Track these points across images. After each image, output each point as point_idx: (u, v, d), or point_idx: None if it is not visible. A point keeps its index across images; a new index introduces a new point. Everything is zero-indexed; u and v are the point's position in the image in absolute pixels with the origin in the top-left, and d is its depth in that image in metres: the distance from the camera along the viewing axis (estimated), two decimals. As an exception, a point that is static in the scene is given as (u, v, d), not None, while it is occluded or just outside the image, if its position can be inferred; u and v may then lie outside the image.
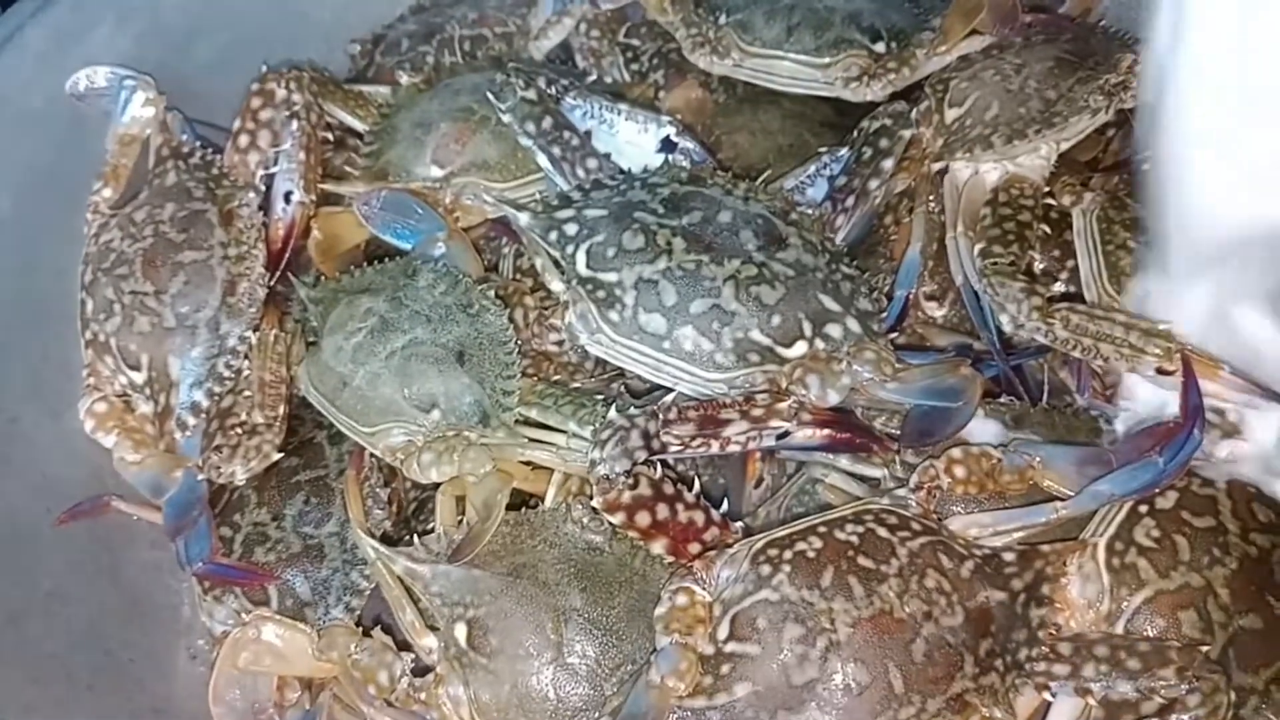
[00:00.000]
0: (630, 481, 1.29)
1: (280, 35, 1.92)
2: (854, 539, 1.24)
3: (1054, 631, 1.23)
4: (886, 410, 1.47)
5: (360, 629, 1.36)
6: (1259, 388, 1.33)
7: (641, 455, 1.30)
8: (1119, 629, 1.25)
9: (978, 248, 1.50)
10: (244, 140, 1.69)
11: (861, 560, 1.22)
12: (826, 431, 1.39)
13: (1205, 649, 1.19)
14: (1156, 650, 1.18)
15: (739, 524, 1.37)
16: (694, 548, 1.31)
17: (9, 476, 1.51)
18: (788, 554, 1.24)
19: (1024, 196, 1.56)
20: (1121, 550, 1.28)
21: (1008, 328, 1.46)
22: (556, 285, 1.52)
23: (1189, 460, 1.27)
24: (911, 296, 1.57)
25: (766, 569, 1.23)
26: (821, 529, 1.26)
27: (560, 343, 1.54)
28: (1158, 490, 1.29)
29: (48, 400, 1.58)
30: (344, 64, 2.04)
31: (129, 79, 1.71)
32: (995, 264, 1.46)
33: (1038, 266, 1.58)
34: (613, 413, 1.33)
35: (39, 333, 1.62)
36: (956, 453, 1.31)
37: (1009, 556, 1.27)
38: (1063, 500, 1.28)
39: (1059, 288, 1.59)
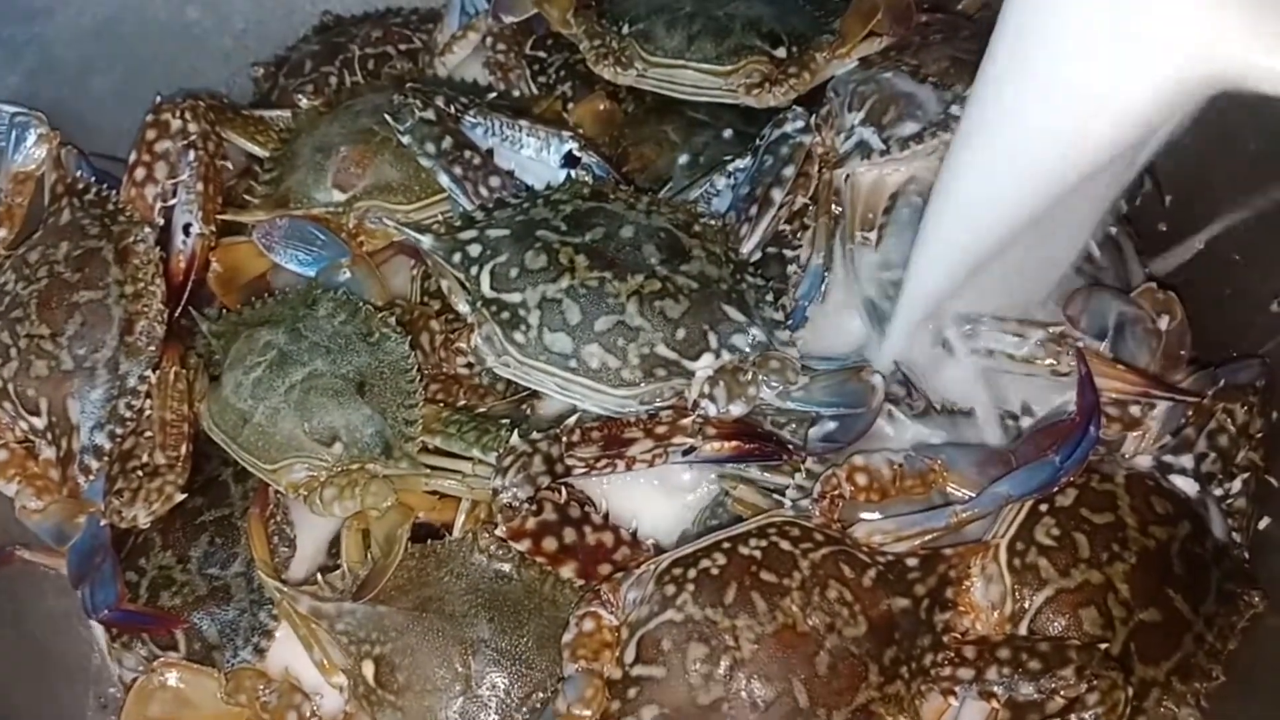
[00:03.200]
0: (534, 508, 1.28)
1: (179, 64, 1.89)
2: (757, 554, 1.24)
3: (958, 635, 1.25)
4: (794, 418, 1.47)
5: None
6: (1150, 380, 1.35)
7: (545, 480, 1.30)
8: (1022, 629, 1.27)
9: (876, 258, 1.50)
10: (140, 173, 1.65)
11: (764, 575, 1.22)
12: (734, 443, 1.39)
13: (1104, 646, 1.21)
14: (1056, 650, 1.20)
15: (650, 542, 1.37)
16: (605, 569, 1.32)
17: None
18: (692, 572, 1.24)
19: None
20: (1023, 550, 1.30)
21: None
22: (463, 307, 1.51)
23: (1085, 458, 1.28)
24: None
25: (671, 589, 1.23)
26: (725, 545, 1.26)
27: (470, 365, 1.53)
28: (1056, 489, 1.30)
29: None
30: (248, 89, 2.00)
31: (19, 116, 1.67)
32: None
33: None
34: (514, 438, 1.32)
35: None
36: (858, 460, 1.31)
37: (912, 562, 1.28)
38: (963, 503, 1.29)
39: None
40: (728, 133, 1.78)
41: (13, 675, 1.47)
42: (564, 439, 1.33)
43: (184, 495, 1.45)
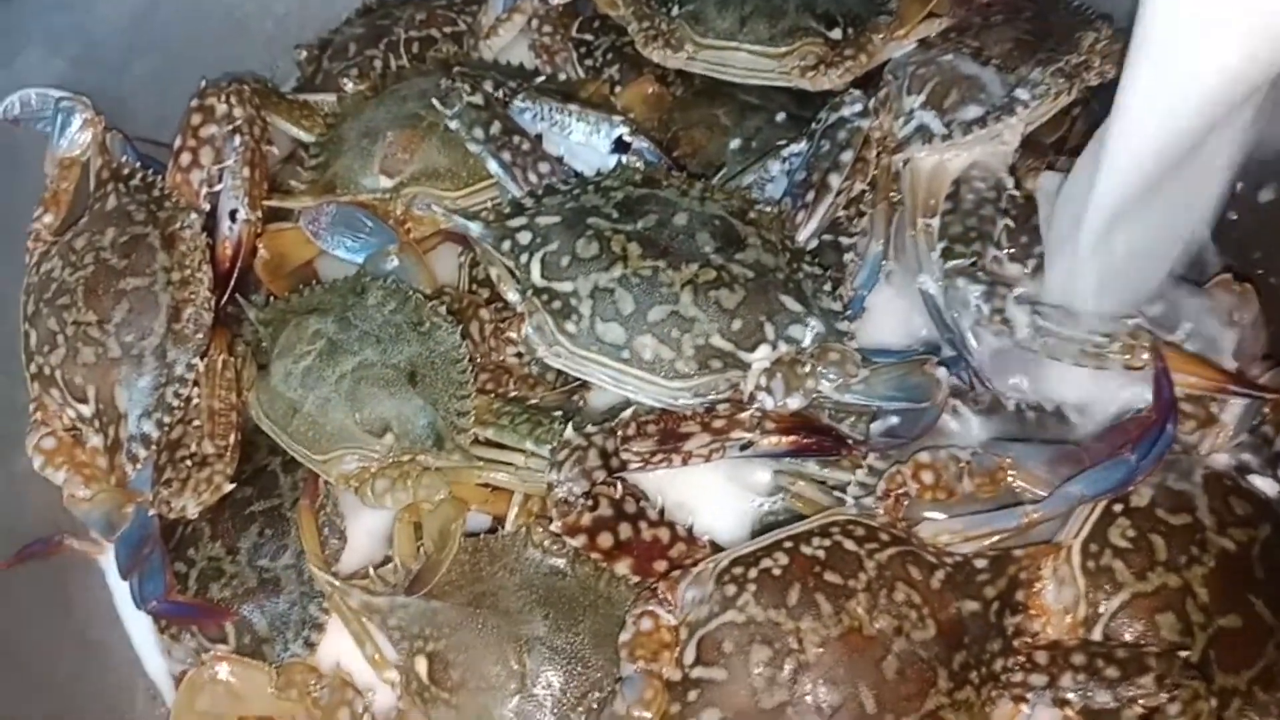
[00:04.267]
0: (590, 503, 1.25)
1: (221, 48, 1.85)
2: (820, 554, 1.20)
3: (1030, 639, 1.21)
4: (855, 412, 1.43)
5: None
6: (1227, 375, 1.30)
7: (600, 475, 1.26)
8: (1096, 634, 1.22)
9: (939, 247, 1.46)
10: (185, 159, 1.62)
11: (828, 576, 1.18)
12: (792, 438, 1.35)
13: (1185, 654, 1.17)
14: (1135, 657, 1.15)
15: (706, 538, 1.33)
16: (660, 566, 1.28)
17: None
18: (753, 572, 1.20)
19: (987, 188, 1.52)
20: (1096, 552, 1.25)
21: (969, 329, 1.43)
22: (512, 296, 1.48)
23: (1162, 456, 1.24)
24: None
25: (732, 589, 1.20)
26: (787, 544, 1.22)
27: (520, 355, 1.51)
28: (1131, 488, 1.25)
29: (-5, 443, 1.53)
30: (291, 73, 1.97)
31: (64, 100, 1.65)
32: (957, 265, 1.43)
33: (1005, 253, 1.54)
34: (569, 431, 1.29)
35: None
36: (924, 457, 1.27)
37: (981, 563, 1.23)
38: (1034, 502, 1.24)
39: (1024, 273, 1.54)
40: (781, 116, 1.74)
41: (61, 665, 1.46)
42: (619, 433, 1.29)
43: (233, 485, 1.43)
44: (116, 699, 1.47)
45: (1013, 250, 1.54)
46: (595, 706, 1.23)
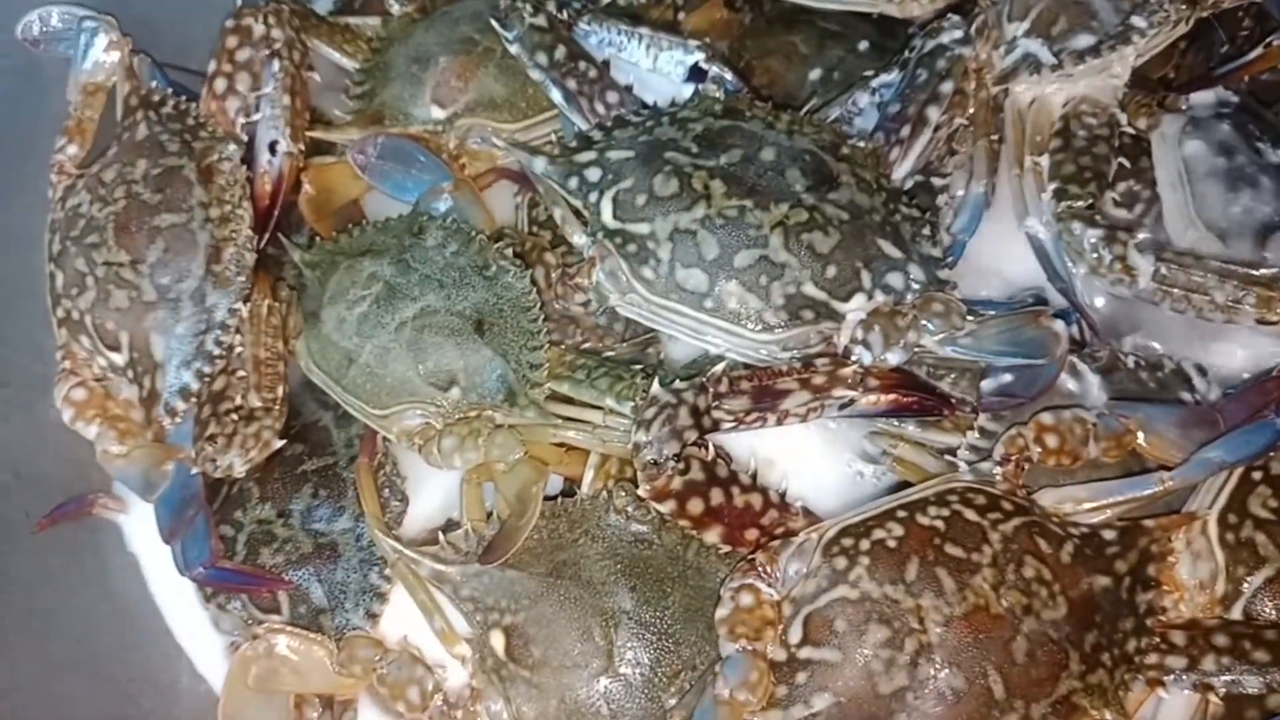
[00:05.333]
0: (680, 466, 1.14)
1: (257, -35, 1.71)
2: (939, 524, 1.10)
3: (1164, 618, 1.11)
4: (956, 369, 1.32)
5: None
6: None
7: (692, 435, 1.16)
8: (1236, 613, 1.13)
9: (1051, 188, 1.35)
10: (220, 85, 1.50)
11: (949, 549, 1.08)
12: (892, 396, 1.25)
13: (1340, 636, 1.07)
14: (1285, 639, 1.06)
15: (799, 504, 1.23)
16: (751, 534, 1.19)
17: (-24, 478, 1.37)
18: (865, 544, 1.10)
19: (1099, 124, 1.40)
20: (1236, 524, 1.16)
21: (1081, 278, 1.32)
22: (579, 239, 1.36)
23: (1311, 418, 1.13)
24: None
25: (842, 562, 1.10)
26: (901, 513, 1.12)
27: (586, 304, 1.39)
28: (1273, 454, 1.15)
29: (17, 389, 1.43)
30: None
31: (88, 20, 1.53)
32: (1071, 207, 1.32)
33: (1111, 198, 1.42)
34: (656, 387, 1.18)
35: (1, 312, 1.47)
36: (1046, 418, 1.17)
37: (1110, 535, 1.14)
38: (1168, 469, 1.14)
39: (1136, 218, 1.43)
40: (863, 45, 1.61)
41: (98, 636, 1.37)
42: (711, 389, 1.18)
43: (282, 442, 1.33)
44: (159, 672, 1.38)
45: (1122, 194, 1.42)
46: (687, 688, 1.13)
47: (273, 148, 1.50)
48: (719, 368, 1.22)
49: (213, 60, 1.51)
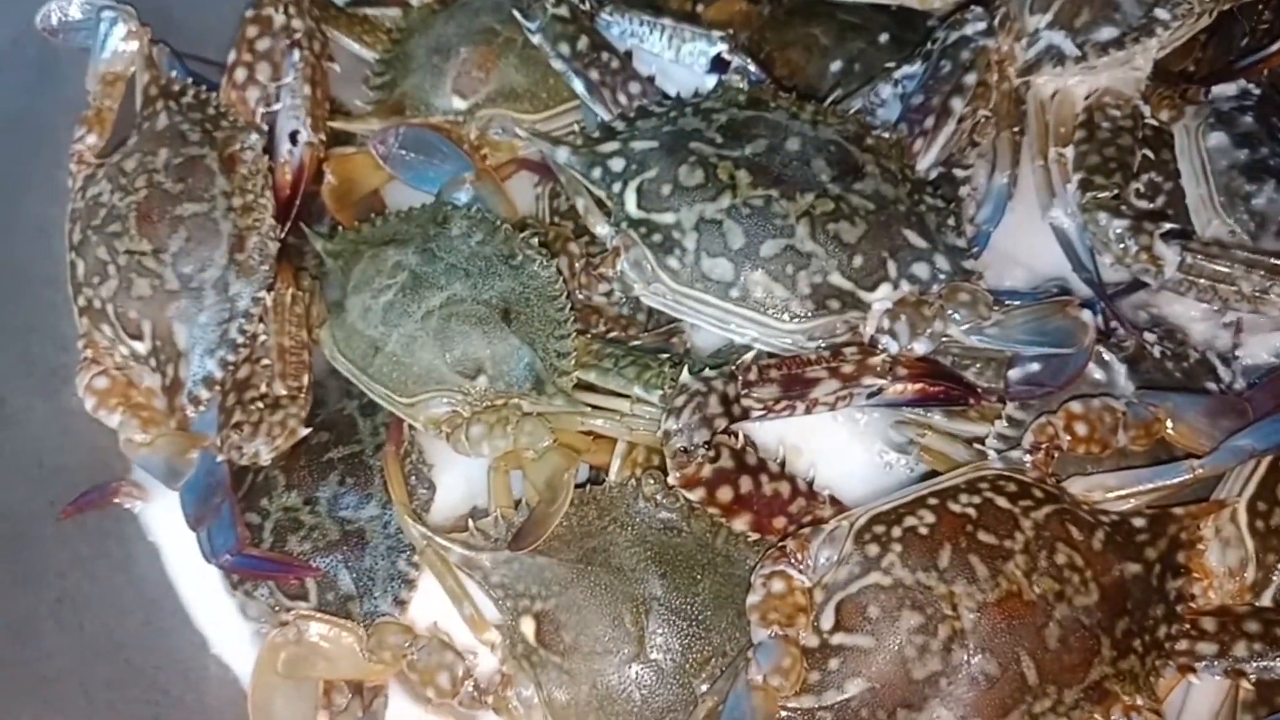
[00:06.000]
0: (711, 454, 1.14)
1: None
2: (971, 511, 1.10)
3: (1194, 605, 1.11)
4: (981, 359, 1.32)
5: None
6: None
7: (722, 424, 1.16)
8: (1266, 600, 1.13)
9: (1076, 178, 1.35)
10: (241, 75, 1.50)
11: (982, 535, 1.08)
12: (919, 385, 1.25)
13: (1371, 622, 1.07)
14: (1318, 626, 1.06)
15: (826, 493, 1.23)
16: (779, 522, 1.19)
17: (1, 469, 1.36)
18: (896, 530, 1.10)
19: (1123, 115, 1.40)
20: (1265, 511, 1.16)
21: (1109, 268, 1.32)
22: (602, 229, 1.36)
23: (1340, 407, 1.13)
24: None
25: (874, 549, 1.10)
26: (932, 501, 1.12)
27: (609, 294, 1.39)
28: (1302, 442, 1.15)
29: (39, 377, 1.43)
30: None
31: (107, 9, 1.52)
32: (1097, 198, 1.32)
33: (1135, 190, 1.42)
34: (685, 375, 1.18)
35: (23, 301, 1.46)
36: (1076, 407, 1.17)
37: (1139, 522, 1.14)
38: (1197, 458, 1.14)
39: (1159, 209, 1.43)
40: (884, 38, 1.61)
41: (126, 624, 1.36)
42: (740, 377, 1.18)
43: (308, 430, 1.33)
44: (186, 658, 1.37)
45: (1145, 185, 1.43)
46: (718, 674, 1.13)
47: (294, 137, 1.50)
48: (749, 356, 1.22)
49: (232, 50, 1.51)
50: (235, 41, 1.51)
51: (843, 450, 1.34)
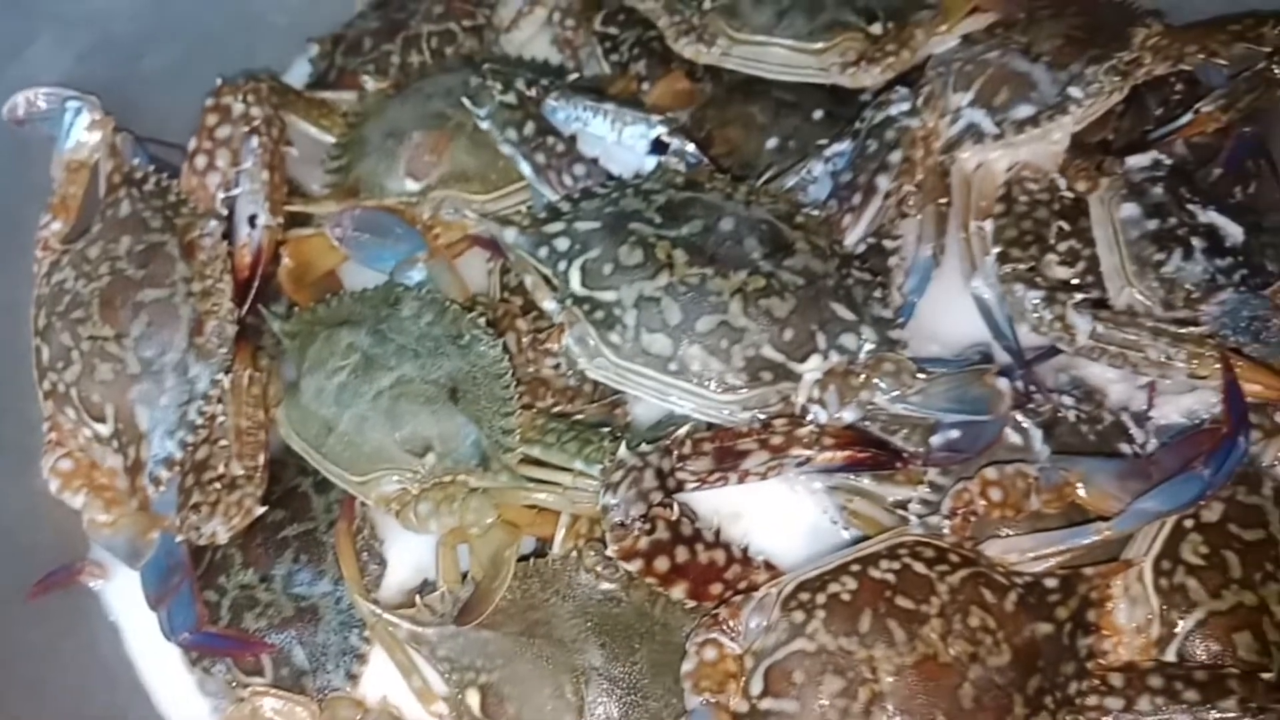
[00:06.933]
0: (647, 526, 1.20)
1: (235, 43, 1.78)
2: (890, 577, 1.16)
3: (1103, 661, 1.17)
4: (908, 424, 1.38)
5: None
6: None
7: (657, 497, 1.21)
8: (1170, 655, 1.19)
9: (994, 251, 1.42)
10: (201, 161, 1.55)
11: (900, 601, 1.14)
12: (846, 452, 1.30)
13: (1266, 675, 1.13)
14: (1215, 680, 1.12)
15: (761, 559, 1.28)
16: (716, 589, 1.24)
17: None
18: (821, 597, 1.16)
19: (1039, 190, 1.48)
20: (1169, 569, 1.21)
21: (1025, 335, 1.39)
22: (549, 305, 1.42)
23: (1235, 470, 1.20)
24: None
25: (800, 615, 1.15)
26: (855, 567, 1.18)
27: (557, 366, 1.45)
28: (1204, 503, 1.22)
29: (8, 459, 1.47)
30: (304, 70, 1.89)
31: (72, 100, 1.57)
32: (1015, 270, 1.39)
33: (1053, 258, 1.49)
34: (623, 451, 1.24)
35: (-9, 382, 1.49)
36: (991, 473, 1.23)
37: (1051, 583, 1.20)
38: (1106, 520, 1.20)
39: (1075, 279, 1.50)
40: (818, 114, 1.67)
41: (90, 706, 1.39)
42: (675, 452, 1.24)
43: (264, 509, 1.37)
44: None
45: (1064, 253, 1.50)
46: (656, 739, 1.18)
47: (252, 221, 1.55)
48: (682, 431, 1.27)
49: (193, 138, 1.57)
50: (196, 130, 1.57)
51: (784, 512, 1.39)
